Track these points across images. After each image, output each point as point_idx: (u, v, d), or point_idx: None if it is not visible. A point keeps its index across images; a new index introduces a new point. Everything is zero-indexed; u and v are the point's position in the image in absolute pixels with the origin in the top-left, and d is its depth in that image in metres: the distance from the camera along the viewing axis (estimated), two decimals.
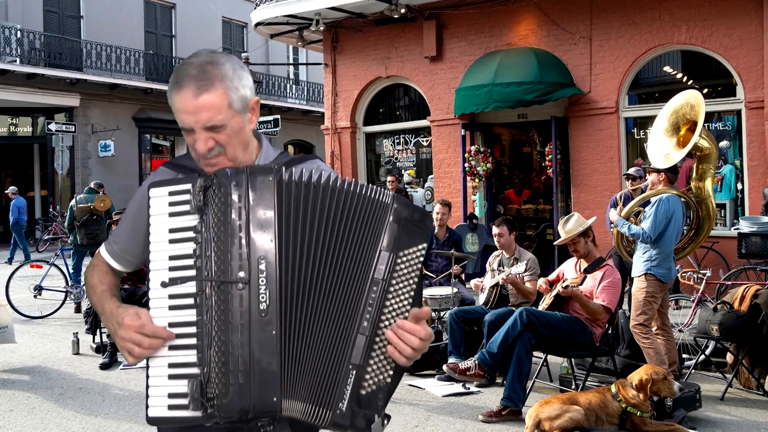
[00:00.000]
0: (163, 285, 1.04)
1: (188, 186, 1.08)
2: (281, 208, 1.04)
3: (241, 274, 1.01)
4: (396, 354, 1.04)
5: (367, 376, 1.04)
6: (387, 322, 1.06)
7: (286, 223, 1.04)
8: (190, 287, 1.05)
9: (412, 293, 1.06)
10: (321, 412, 1.04)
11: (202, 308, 1.03)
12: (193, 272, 1.05)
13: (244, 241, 1.02)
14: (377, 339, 1.05)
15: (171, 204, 1.09)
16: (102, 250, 1.29)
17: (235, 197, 1.03)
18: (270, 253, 1.03)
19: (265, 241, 1.03)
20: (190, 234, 1.06)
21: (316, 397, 1.04)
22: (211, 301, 1.03)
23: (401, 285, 1.06)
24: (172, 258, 1.07)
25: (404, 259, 1.06)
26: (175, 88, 1.10)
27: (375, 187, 1.10)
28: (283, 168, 1.07)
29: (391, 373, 1.05)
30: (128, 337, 1.07)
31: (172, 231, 1.08)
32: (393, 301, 1.05)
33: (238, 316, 1.01)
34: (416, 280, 1.07)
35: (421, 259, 1.08)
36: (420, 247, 1.07)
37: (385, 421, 1.06)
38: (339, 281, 1.06)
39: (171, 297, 1.06)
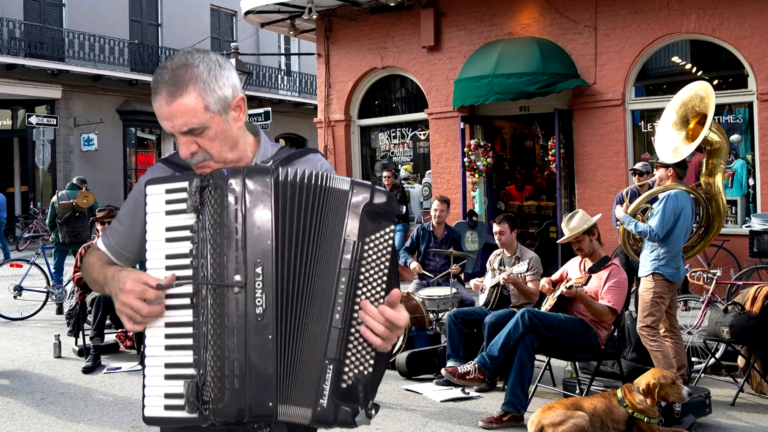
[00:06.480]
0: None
1: (185, 184, 1.09)
2: (277, 209, 1.05)
3: (238, 277, 1.02)
4: (371, 336, 1.04)
5: (346, 369, 1.05)
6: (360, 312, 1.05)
7: (282, 224, 1.05)
8: (187, 287, 1.06)
9: (385, 278, 1.05)
10: (303, 412, 1.05)
11: (199, 309, 1.05)
12: (189, 272, 1.06)
13: (240, 244, 1.03)
14: (352, 330, 1.05)
15: (168, 202, 1.10)
16: (99, 242, 1.29)
17: (231, 199, 1.04)
18: (267, 256, 1.03)
19: (262, 244, 1.04)
20: (187, 233, 1.07)
21: (301, 398, 1.05)
22: (207, 303, 1.04)
23: (371, 272, 1.05)
24: (169, 257, 1.09)
25: (371, 245, 1.05)
26: (153, 94, 1.12)
27: (331, 174, 1.09)
28: (279, 168, 1.07)
29: (371, 362, 1.06)
30: (128, 303, 1.06)
31: (169, 230, 1.10)
32: (364, 289, 1.05)
33: (234, 320, 1.02)
34: (387, 265, 1.06)
35: (391, 242, 1.07)
36: (387, 230, 1.06)
37: (372, 411, 1.07)
38: (319, 279, 1.06)
39: (167, 297, 1.07)
